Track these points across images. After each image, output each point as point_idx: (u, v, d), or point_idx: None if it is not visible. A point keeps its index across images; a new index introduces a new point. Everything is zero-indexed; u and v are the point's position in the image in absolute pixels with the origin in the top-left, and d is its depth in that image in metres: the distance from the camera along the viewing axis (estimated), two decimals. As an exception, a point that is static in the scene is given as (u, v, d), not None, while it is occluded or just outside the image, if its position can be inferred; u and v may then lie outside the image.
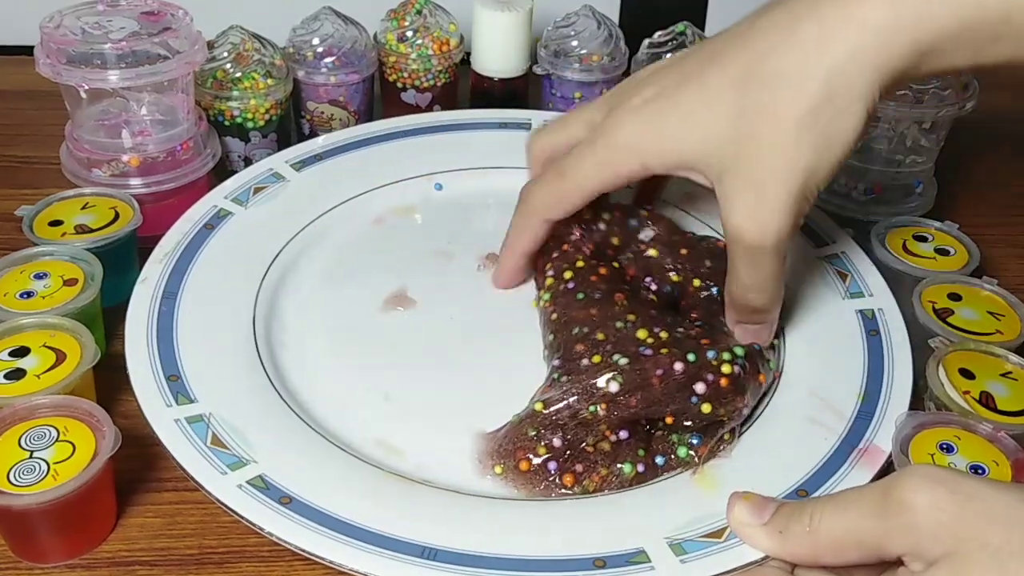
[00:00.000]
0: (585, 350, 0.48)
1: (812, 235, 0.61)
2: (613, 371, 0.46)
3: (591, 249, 0.55)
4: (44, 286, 0.52)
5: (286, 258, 0.58)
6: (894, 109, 0.61)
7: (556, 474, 0.46)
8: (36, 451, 0.43)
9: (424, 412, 0.50)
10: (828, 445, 0.47)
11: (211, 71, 0.68)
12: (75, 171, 0.63)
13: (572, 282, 0.52)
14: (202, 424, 0.46)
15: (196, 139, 0.65)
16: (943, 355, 0.52)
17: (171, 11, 0.63)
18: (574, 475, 0.46)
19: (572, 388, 0.47)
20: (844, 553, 0.38)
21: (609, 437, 0.46)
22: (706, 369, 0.47)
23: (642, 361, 0.46)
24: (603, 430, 0.46)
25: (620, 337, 0.48)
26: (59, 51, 0.60)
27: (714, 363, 0.47)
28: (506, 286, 0.56)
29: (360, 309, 0.56)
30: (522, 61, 0.76)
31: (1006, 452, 0.46)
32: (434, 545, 0.41)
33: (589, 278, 0.52)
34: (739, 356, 0.48)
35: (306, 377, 0.51)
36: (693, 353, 0.47)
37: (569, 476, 0.46)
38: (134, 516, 0.46)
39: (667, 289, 0.54)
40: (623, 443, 0.47)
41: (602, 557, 0.41)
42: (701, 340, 0.48)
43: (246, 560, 0.45)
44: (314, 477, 0.44)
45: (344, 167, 0.65)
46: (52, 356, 0.48)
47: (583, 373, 0.47)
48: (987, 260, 0.63)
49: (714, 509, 0.43)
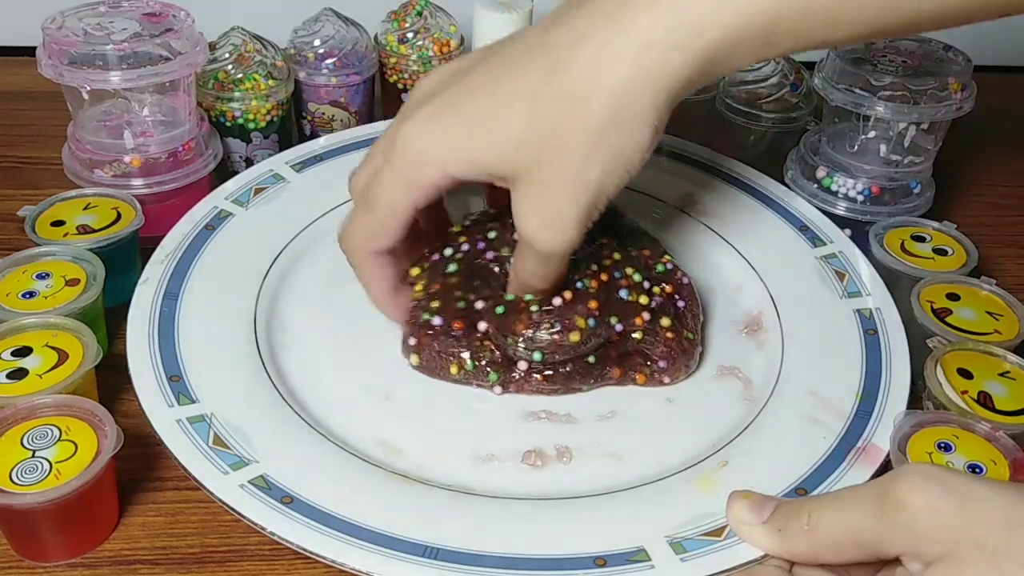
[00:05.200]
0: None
1: (810, 235, 0.61)
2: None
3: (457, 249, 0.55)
4: (46, 286, 0.53)
5: (287, 259, 0.58)
6: (892, 110, 0.61)
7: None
8: (38, 450, 0.43)
9: (424, 412, 0.50)
10: (827, 444, 0.47)
11: (213, 72, 0.68)
12: (77, 172, 0.63)
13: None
14: (204, 424, 0.46)
15: (197, 140, 0.65)
16: (941, 355, 0.52)
17: (173, 12, 0.64)
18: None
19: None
20: (843, 551, 0.39)
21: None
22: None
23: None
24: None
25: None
26: (61, 52, 0.60)
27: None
28: (404, 319, 0.53)
29: (360, 309, 0.56)
30: (522, 62, 0.76)
31: (1004, 451, 0.46)
32: (435, 544, 0.41)
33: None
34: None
35: (307, 377, 0.51)
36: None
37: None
38: (136, 515, 0.46)
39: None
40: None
41: (602, 555, 0.41)
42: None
43: (247, 559, 0.45)
44: (315, 477, 0.44)
45: (345, 168, 0.65)
46: (54, 356, 0.48)
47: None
48: (985, 260, 0.64)
49: (714, 508, 0.43)
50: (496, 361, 0.50)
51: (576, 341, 0.49)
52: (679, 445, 0.49)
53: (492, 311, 0.50)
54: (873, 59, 0.64)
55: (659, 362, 0.51)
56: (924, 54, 0.65)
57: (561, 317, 0.49)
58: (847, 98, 0.62)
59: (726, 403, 0.52)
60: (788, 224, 0.62)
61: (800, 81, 0.72)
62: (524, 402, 0.51)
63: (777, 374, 0.52)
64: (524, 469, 0.48)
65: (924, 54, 0.65)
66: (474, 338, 0.51)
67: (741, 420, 0.50)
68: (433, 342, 0.51)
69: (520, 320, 0.49)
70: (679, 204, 0.64)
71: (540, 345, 0.49)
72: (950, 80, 0.62)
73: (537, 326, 0.49)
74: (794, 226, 0.62)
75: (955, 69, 0.63)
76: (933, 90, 0.62)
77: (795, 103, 0.72)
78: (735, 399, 0.52)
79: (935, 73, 0.63)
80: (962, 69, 0.63)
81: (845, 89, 0.63)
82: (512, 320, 0.50)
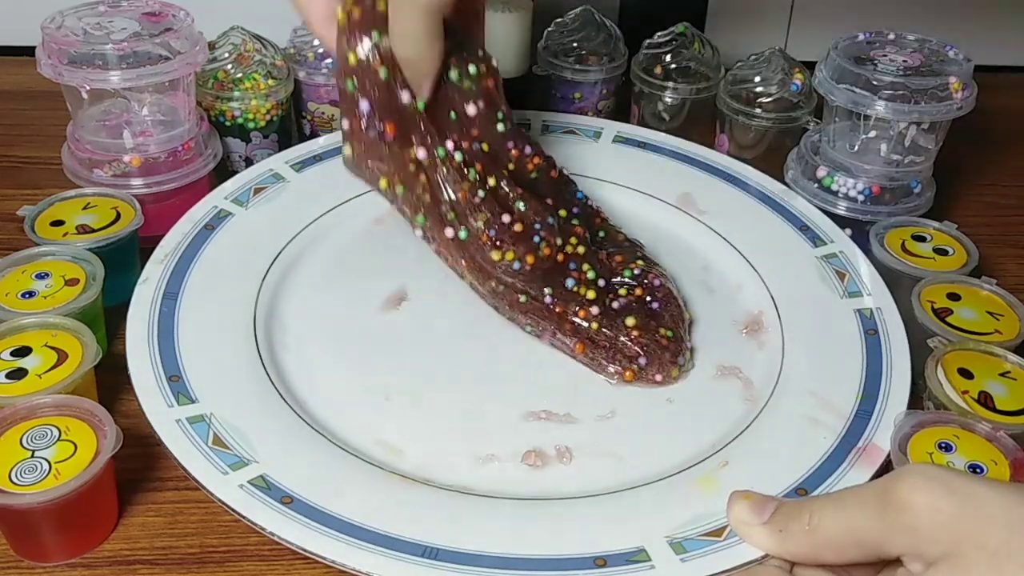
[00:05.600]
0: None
1: (811, 235, 0.61)
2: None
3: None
4: (46, 286, 0.53)
5: (286, 258, 0.58)
6: (893, 110, 0.61)
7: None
8: (38, 450, 0.43)
9: (424, 412, 0.50)
10: (827, 444, 0.47)
11: (212, 72, 0.68)
12: (76, 171, 0.63)
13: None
14: (203, 424, 0.46)
15: (197, 139, 0.65)
16: (942, 355, 0.52)
17: (172, 12, 0.64)
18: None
19: None
20: (843, 552, 0.38)
21: None
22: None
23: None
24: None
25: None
26: (60, 52, 0.60)
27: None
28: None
29: (360, 309, 0.56)
30: (522, 62, 0.76)
31: (1004, 451, 0.46)
32: (435, 544, 0.41)
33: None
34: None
35: (307, 377, 0.51)
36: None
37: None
38: (135, 515, 0.46)
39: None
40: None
41: (603, 556, 0.41)
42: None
43: (247, 559, 0.45)
44: (315, 477, 0.44)
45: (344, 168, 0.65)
46: (54, 356, 0.48)
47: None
48: (986, 260, 0.63)
49: (714, 508, 0.43)
50: (426, 204, 0.50)
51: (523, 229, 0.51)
52: (679, 445, 0.49)
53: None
54: (874, 59, 0.64)
55: (639, 359, 0.52)
56: (925, 54, 0.65)
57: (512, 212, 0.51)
58: (848, 98, 0.62)
59: (726, 403, 0.52)
60: (788, 224, 0.62)
61: (801, 81, 0.72)
62: (524, 402, 0.51)
63: (777, 374, 0.52)
64: (524, 469, 0.47)
65: (925, 54, 0.65)
66: (408, 161, 0.50)
67: (741, 420, 0.50)
68: (363, 138, 0.50)
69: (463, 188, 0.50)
70: (679, 204, 0.64)
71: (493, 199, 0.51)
72: (950, 80, 0.62)
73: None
74: (794, 226, 0.62)
75: (955, 69, 0.63)
76: (934, 90, 0.62)
77: (796, 103, 0.72)
78: (735, 399, 0.52)
79: (936, 73, 0.62)
80: (962, 69, 0.63)
81: (846, 89, 0.63)
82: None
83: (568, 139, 0.69)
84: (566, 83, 0.75)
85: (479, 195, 0.51)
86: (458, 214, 0.51)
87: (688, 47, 0.74)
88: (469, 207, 0.51)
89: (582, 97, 0.76)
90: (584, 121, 0.72)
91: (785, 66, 0.72)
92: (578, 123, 0.71)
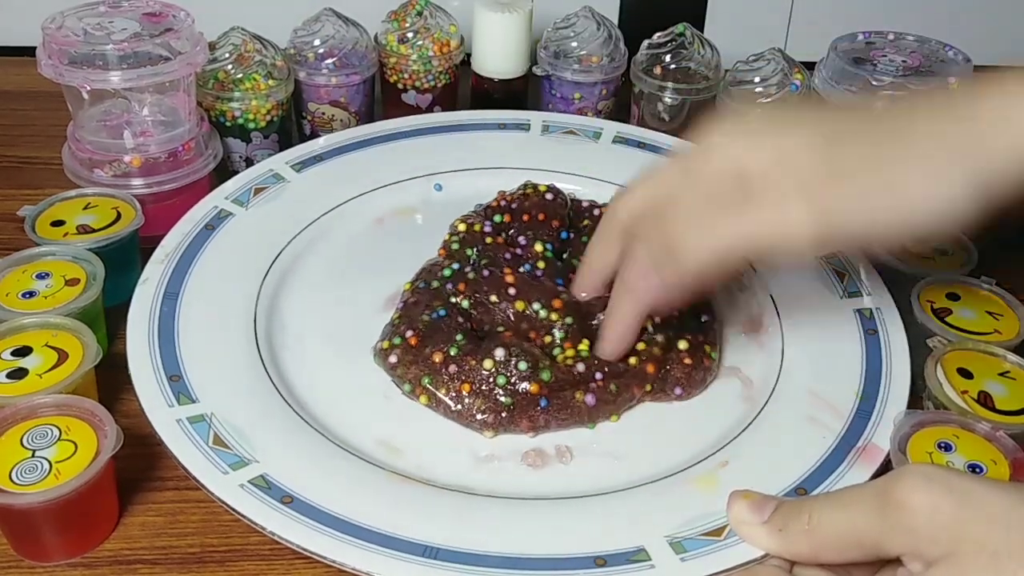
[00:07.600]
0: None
1: (811, 235, 0.61)
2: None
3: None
4: (46, 286, 0.53)
5: (287, 258, 0.58)
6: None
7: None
8: (38, 450, 0.43)
9: (424, 412, 0.50)
10: (827, 444, 0.47)
11: (212, 72, 0.68)
12: (77, 171, 0.63)
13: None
14: (204, 424, 0.46)
15: (197, 140, 0.65)
16: (941, 355, 0.52)
17: (173, 12, 0.64)
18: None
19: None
20: (843, 551, 0.38)
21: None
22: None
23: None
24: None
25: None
26: (61, 52, 0.60)
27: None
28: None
29: (360, 309, 0.56)
30: (522, 62, 0.76)
31: (1004, 451, 0.46)
32: (435, 544, 0.41)
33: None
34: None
35: (307, 377, 0.51)
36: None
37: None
38: (136, 515, 0.46)
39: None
40: None
41: (603, 555, 0.41)
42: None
43: (247, 559, 0.45)
44: (315, 476, 0.44)
45: (344, 168, 0.65)
46: (54, 356, 0.48)
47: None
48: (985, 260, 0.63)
49: (714, 507, 0.43)
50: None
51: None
52: (679, 445, 0.49)
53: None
54: (873, 59, 0.64)
55: (674, 389, 0.51)
56: (924, 54, 0.65)
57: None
58: (847, 98, 0.62)
59: (726, 403, 0.52)
60: (788, 224, 0.62)
61: (800, 81, 0.72)
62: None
63: (777, 374, 0.52)
64: (524, 469, 0.48)
65: (924, 54, 0.65)
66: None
67: (741, 420, 0.50)
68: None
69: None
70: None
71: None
72: (950, 80, 0.62)
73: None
74: (794, 226, 0.62)
75: (955, 69, 0.63)
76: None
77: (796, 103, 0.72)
78: (735, 399, 0.52)
79: (935, 73, 0.63)
80: (962, 69, 0.63)
81: (845, 89, 0.63)
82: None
83: (568, 139, 0.70)
84: (566, 83, 0.75)
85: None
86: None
87: (688, 47, 0.74)
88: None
89: (582, 97, 0.76)
90: (584, 121, 0.72)
91: (785, 66, 0.72)
92: (578, 123, 0.71)
